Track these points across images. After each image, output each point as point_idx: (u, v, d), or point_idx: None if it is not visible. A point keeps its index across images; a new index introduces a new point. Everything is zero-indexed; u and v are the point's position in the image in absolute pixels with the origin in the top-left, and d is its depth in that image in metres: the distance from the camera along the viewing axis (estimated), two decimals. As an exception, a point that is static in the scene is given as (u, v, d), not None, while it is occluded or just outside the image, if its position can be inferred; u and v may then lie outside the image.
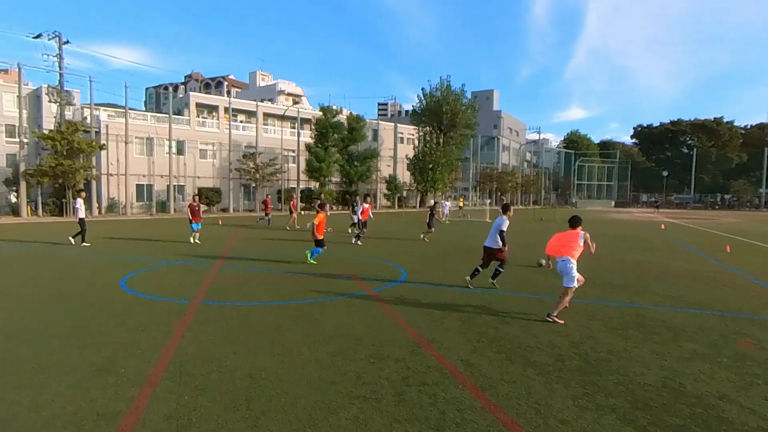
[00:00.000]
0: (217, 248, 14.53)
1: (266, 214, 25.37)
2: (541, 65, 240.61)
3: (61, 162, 27.54)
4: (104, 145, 31.56)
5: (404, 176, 53.33)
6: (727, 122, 76.35)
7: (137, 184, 35.62)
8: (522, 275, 10.39)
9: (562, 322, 6.48)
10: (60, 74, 30.17)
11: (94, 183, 32.05)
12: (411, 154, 51.71)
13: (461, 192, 59.84)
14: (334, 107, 45.36)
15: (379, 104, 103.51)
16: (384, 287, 8.85)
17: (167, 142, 35.70)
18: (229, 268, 10.91)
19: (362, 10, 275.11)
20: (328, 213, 12.32)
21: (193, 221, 15.57)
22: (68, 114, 32.35)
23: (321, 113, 43.72)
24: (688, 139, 78.79)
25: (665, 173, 72.14)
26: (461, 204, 43.08)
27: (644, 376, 4.66)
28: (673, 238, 20.22)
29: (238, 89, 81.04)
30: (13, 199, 31.64)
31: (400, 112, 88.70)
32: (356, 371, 4.69)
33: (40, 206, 29.71)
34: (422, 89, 50.51)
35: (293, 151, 43.93)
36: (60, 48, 29.72)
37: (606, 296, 8.29)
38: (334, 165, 43.60)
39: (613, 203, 74.59)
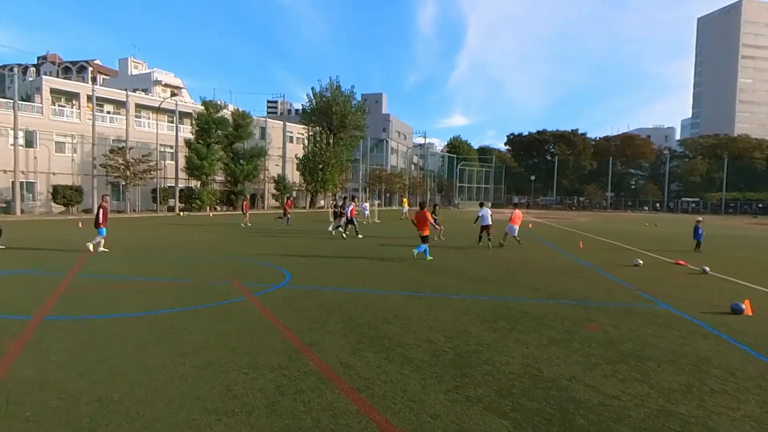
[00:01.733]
0: (75, 254, 12.77)
1: (285, 214, 26.98)
2: (427, 73, 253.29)
3: None
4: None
5: (294, 176, 52.31)
6: (582, 134, 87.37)
7: (-28, 181, 30.11)
8: (406, 275, 10.68)
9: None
10: None
11: None
12: (301, 154, 50.91)
13: (350, 192, 60.40)
14: (219, 102, 42.94)
15: (268, 102, 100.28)
16: (266, 291, 8.47)
17: (11, 132, 30.68)
18: (86, 277, 9.62)
19: (251, 3, 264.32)
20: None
21: (102, 225, 13.38)
22: None
23: (203, 107, 41.03)
24: (551, 147, 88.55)
25: (533, 178, 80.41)
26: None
27: (509, 365, 5.00)
28: (537, 236, 22.49)
29: (105, 76, 72.72)
30: None
31: (290, 111, 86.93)
32: (227, 384, 4.35)
33: None
34: (312, 89, 50.10)
35: (171, 146, 40.57)
36: None
37: (481, 291, 8.85)
38: (218, 163, 41.20)
39: (489, 204, 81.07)
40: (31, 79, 42.64)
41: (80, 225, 23.18)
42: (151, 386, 4.28)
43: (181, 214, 36.44)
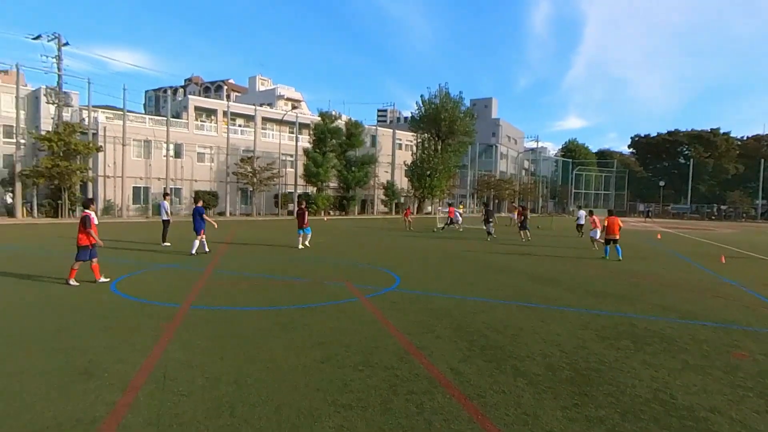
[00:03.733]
0: (212, 252, 14.43)
1: (407, 222, 28.85)
2: (539, 75, 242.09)
3: (58, 163, 27.45)
4: (101, 147, 31.50)
5: (402, 182, 53.36)
6: (724, 133, 76.63)
7: (134, 187, 35.55)
8: (515, 284, 10.34)
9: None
10: (59, 76, 30.15)
11: (90, 185, 31.94)
12: (409, 161, 51.78)
13: (459, 199, 59.90)
14: (333, 113, 45.46)
15: (378, 111, 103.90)
16: (376, 293, 8.79)
17: (165, 145, 35.66)
18: (221, 273, 10.83)
19: (362, 18, 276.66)
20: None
21: (306, 225, 16.28)
22: (66, 116, 32.31)
23: (319, 118, 43.78)
24: (684, 149, 79.03)
25: (662, 183, 72.32)
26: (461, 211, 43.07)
27: (635, 387, 4.60)
28: (668, 248, 20.21)
29: (237, 93, 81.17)
30: (9, 200, 31.50)
31: (399, 119, 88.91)
32: (343, 378, 4.62)
33: (35, 207, 29.56)
34: (421, 96, 50.71)
35: (291, 155, 43.94)
36: (59, 50, 29.72)
37: (599, 305, 8.24)
38: (332, 170, 43.60)
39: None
40: (179, 99, 49.21)
41: (216, 226, 26.08)
42: (278, 374, 4.70)
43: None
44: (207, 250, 14.09)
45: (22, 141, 30.02)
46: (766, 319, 7.57)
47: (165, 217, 16.51)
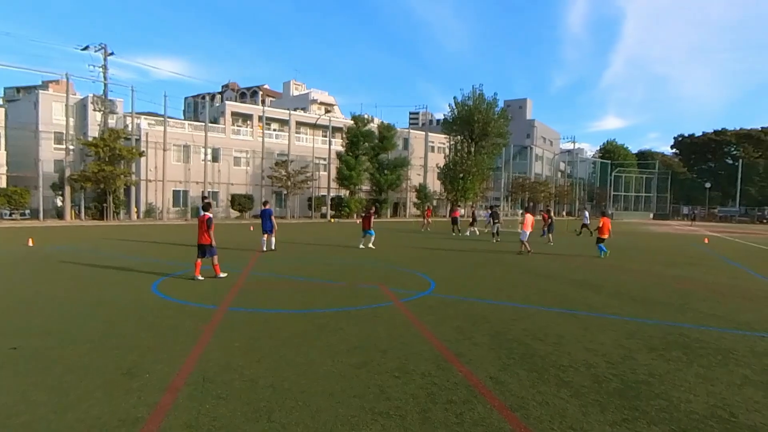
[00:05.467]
0: (249, 254, 14.68)
1: (426, 222, 29.94)
2: (576, 74, 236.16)
3: (103, 168, 28.69)
4: (144, 152, 32.72)
5: (434, 185, 53.03)
6: (776, 132, 72.58)
7: (174, 190, 36.73)
8: (557, 290, 10.01)
9: None
10: (105, 84, 31.57)
11: (133, 188, 33.21)
12: (442, 163, 51.41)
13: (492, 201, 58.99)
14: (366, 116, 45.68)
15: (410, 113, 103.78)
16: (411, 298, 8.68)
17: (203, 150, 36.70)
18: (257, 275, 10.97)
19: (394, 20, 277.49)
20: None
21: (370, 228, 17.55)
22: (111, 122, 33.76)
23: (352, 122, 44.09)
24: (732, 149, 75.32)
25: (708, 185, 69.00)
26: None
27: (690, 402, 4.32)
28: (717, 253, 19.21)
29: (272, 98, 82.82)
30: (59, 203, 33.14)
31: (431, 121, 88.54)
32: (380, 385, 4.54)
33: (82, 210, 30.97)
34: (454, 98, 50.26)
35: (324, 159, 44.42)
36: (105, 59, 31.11)
37: (646, 314, 7.85)
38: (365, 173, 43.78)
39: (651, 215, 71.88)
40: (217, 105, 50.61)
41: (252, 228, 26.63)
42: (313, 379, 4.67)
43: (332, 221, 39.56)
44: (273, 248, 15.52)
45: (71, 147, 31.54)
46: (832, 331, 7.01)
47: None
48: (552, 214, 24.28)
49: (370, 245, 17.29)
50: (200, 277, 10.01)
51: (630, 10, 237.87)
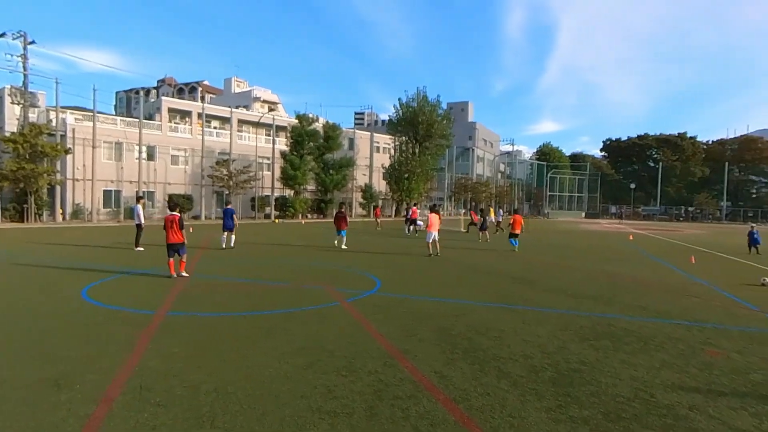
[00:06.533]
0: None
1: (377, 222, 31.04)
2: (515, 79, 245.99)
3: (23, 166, 26.45)
4: (70, 149, 30.50)
5: (380, 185, 53.37)
6: (691, 137, 79.35)
7: (104, 190, 34.53)
8: (497, 286, 10.42)
9: None
10: (24, 75, 29.09)
11: (58, 188, 30.86)
12: (387, 164, 51.85)
13: (436, 201, 60.23)
14: (311, 115, 45.16)
15: (356, 113, 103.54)
16: (358, 297, 8.72)
17: (137, 147, 34.78)
18: (198, 277, 10.58)
19: (340, 21, 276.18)
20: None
21: (344, 228, 17.60)
22: (33, 116, 31.18)
23: (297, 121, 43.44)
24: (654, 153, 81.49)
25: (632, 186, 74.32)
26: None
27: (616, 386, 4.66)
28: (640, 249, 20.76)
29: (212, 95, 79.88)
30: (-30, 204, 30.16)
31: (376, 122, 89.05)
32: (327, 385, 4.54)
33: (-1, 211, 28.40)
34: (399, 99, 50.92)
35: (268, 158, 43.44)
36: (25, 48, 28.67)
37: (578, 306, 8.36)
38: (309, 173, 43.27)
39: (583, 214, 76.39)
40: (152, 100, 48.14)
41: (191, 230, 25.56)
42: (259, 381, 4.59)
43: (276, 221, 38.78)
44: (233, 246, 16.26)
45: (-15, 143, 28.77)
46: (737, 318, 7.81)
47: (138, 221, 16.07)
48: (484, 213, 25.06)
49: (344, 246, 17.32)
50: (175, 275, 10.24)
51: (564, 20, 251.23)
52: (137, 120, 35.94)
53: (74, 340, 5.84)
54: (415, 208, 28.72)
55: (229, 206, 16.97)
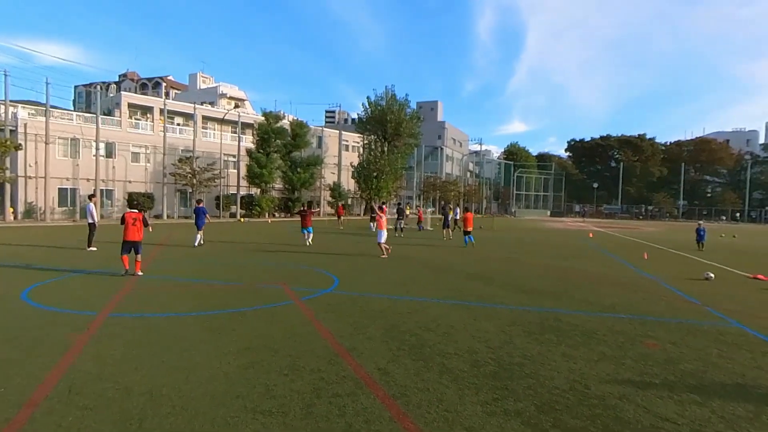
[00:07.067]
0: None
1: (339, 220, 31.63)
2: (484, 80, 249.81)
3: (-32, 162, 25.07)
4: (20, 145, 29.10)
5: (349, 184, 53.19)
6: (650, 139, 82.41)
7: (59, 188, 33.13)
8: (453, 283, 10.52)
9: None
10: (-30, 66, 27.54)
11: (8, 186, 29.41)
12: (356, 162, 51.70)
13: (405, 200, 60.48)
14: (280, 113, 44.54)
15: (326, 112, 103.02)
16: (313, 296, 8.65)
17: (94, 144, 33.50)
18: (149, 278, 10.26)
19: (310, 18, 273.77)
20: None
21: (308, 225, 17.89)
22: (-20, 110, 29.59)
23: (263, 118, 42.77)
24: (615, 153, 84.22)
25: (595, 185, 76.68)
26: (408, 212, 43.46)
27: (553, 379, 4.77)
28: (598, 246, 21.40)
29: (177, 91, 77.84)
30: None
31: (346, 120, 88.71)
32: (266, 384, 4.47)
33: (-58, 210, 26.86)
34: (367, 98, 50.91)
35: (234, 156, 42.63)
36: (-30, 38, 27.15)
37: (530, 302, 8.54)
38: (276, 171, 42.70)
39: (548, 213, 78.29)
40: (112, 95, 46.47)
41: (151, 230, 24.76)
42: (196, 383, 4.48)
43: (242, 220, 38.10)
44: (202, 243, 16.70)
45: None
46: (677, 310, 8.14)
47: (91, 220, 15.49)
48: (446, 211, 25.47)
49: (309, 242, 17.79)
50: (129, 271, 10.21)
51: (531, 24, 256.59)
52: (94, 115, 34.62)
53: (4, 343, 5.56)
54: (385, 207, 28.68)
55: (200, 205, 17.45)
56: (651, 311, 8.00)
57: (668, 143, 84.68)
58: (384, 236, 14.90)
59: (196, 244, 16.52)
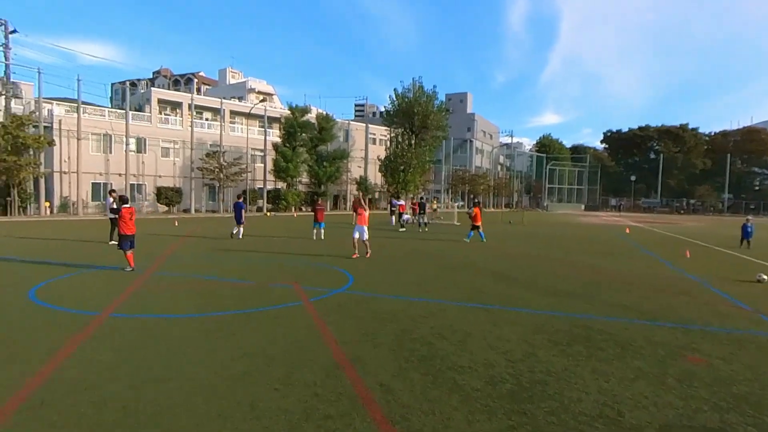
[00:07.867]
0: (160, 251, 13.58)
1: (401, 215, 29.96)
2: (516, 71, 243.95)
3: (5, 158, 25.90)
4: (53, 141, 29.90)
5: (376, 177, 52.74)
6: (692, 129, 78.40)
7: (93, 183, 33.99)
8: (474, 283, 9.88)
9: None
10: (6, 65, 28.46)
11: (42, 181, 30.30)
12: (383, 156, 51.12)
13: (433, 194, 59.62)
14: (307, 106, 44.39)
15: (356, 105, 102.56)
16: (323, 296, 8.19)
17: (125, 139, 34.16)
18: (161, 275, 10.05)
19: (339, 12, 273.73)
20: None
21: (320, 220, 18.14)
22: (19, 108, 30.58)
23: (290, 112, 42.73)
24: (655, 144, 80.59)
25: (633, 178, 73.60)
26: (434, 206, 42.71)
27: (581, 402, 4.13)
28: (635, 242, 20.19)
29: (208, 86, 79.11)
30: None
31: (375, 113, 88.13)
32: (253, 401, 4.02)
33: (-18, 205, 27.89)
34: (394, 90, 49.97)
35: (261, 150, 42.81)
36: (6, 37, 28.01)
37: (557, 306, 7.82)
38: (302, 165, 42.63)
39: (583, 207, 75.69)
40: (142, 91, 47.38)
41: (176, 224, 25.05)
42: (177, 396, 4.07)
43: (268, 214, 38.22)
44: (240, 237, 17.32)
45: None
46: (726, 318, 7.27)
47: (111, 215, 15.52)
48: (435, 205, 26.19)
49: (321, 237, 17.89)
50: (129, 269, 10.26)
51: (566, 12, 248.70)
52: (125, 111, 35.29)
53: (-6, 346, 5.32)
54: (402, 203, 29.15)
55: (240, 200, 18.07)
56: (695, 318, 7.16)
57: (712, 133, 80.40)
58: (359, 234, 12.89)
59: (235, 233, 17.36)
